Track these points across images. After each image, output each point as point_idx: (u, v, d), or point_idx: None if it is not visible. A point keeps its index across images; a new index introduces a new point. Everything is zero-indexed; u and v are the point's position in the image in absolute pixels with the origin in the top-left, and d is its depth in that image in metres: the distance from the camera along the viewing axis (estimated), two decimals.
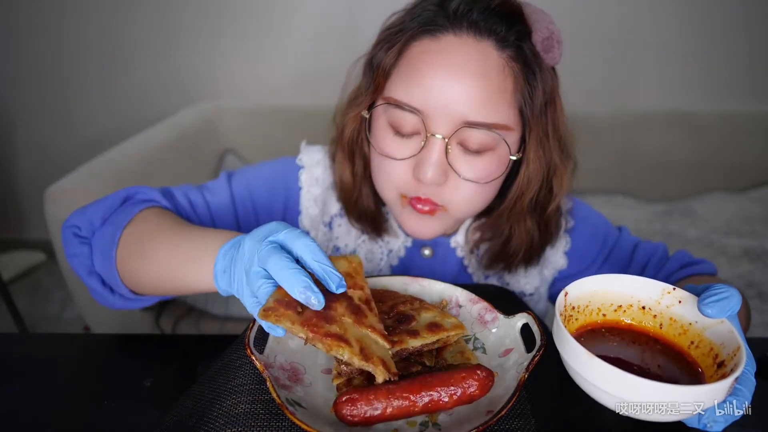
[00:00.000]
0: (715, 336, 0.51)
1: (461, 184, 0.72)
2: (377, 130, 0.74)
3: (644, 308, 0.55)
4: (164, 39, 2.43)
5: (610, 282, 0.55)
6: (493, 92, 0.69)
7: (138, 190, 0.77)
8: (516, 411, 0.52)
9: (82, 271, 0.71)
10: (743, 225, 2.06)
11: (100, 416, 0.64)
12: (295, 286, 0.48)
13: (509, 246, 0.82)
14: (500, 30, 0.70)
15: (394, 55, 0.72)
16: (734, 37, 2.23)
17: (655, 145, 2.28)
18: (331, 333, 0.49)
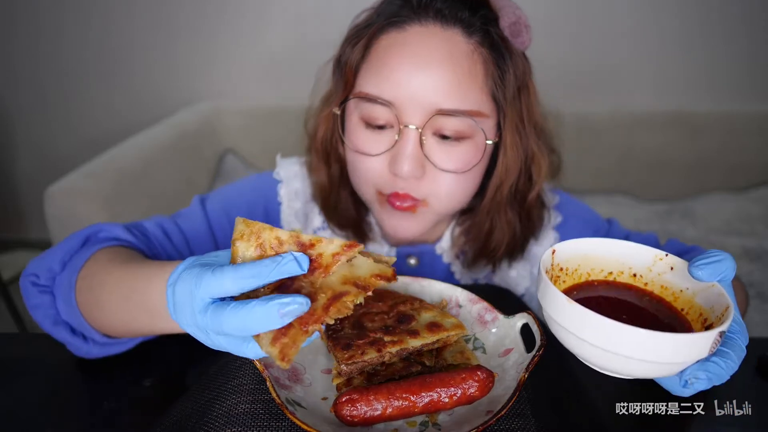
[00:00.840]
0: (705, 301, 0.49)
1: (440, 176, 0.72)
2: (350, 127, 0.74)
3: (635, 275, 0.53)
4: (164, 39, 2.43)
5: (601, 246, 0.53)
6: (463, 78, 0.68)
7: (101, 228, 0.72)
8: (516, 411, 0.52)
9: (47, 323, 0.66)
10: (743, 225, 2.06)
11: (100, 416, 0.64)
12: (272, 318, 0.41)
13: (491, 240, 0.81)
14: (465, 16, 0.70)
15: (360, 50, 0.72)
16: (733, 37, 2.23)
17: (655, 145, 2.28)
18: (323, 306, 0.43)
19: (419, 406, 0.50)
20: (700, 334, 0.41)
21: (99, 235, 0.71)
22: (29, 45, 2.49)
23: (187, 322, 0.45)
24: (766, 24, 2.20)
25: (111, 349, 0.68)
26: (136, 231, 0.76)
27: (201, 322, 0.44)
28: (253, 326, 0.41)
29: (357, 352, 0.53)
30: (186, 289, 0.44)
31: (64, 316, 0.66)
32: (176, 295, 0.46)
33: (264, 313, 0.41)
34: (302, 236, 0.46)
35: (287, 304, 0.41)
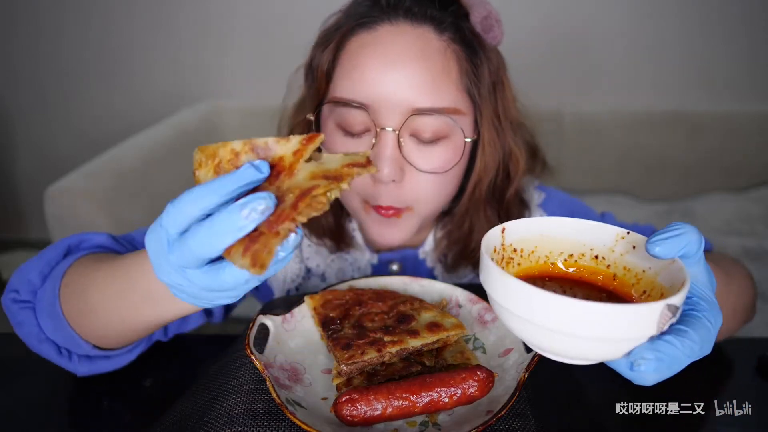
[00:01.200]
0: (666, 279, 0.43)
1: (421, 178, 0.70)
2: (326, 134, 0.72)
3: (597, 257, 0.48)
4: (164, 39, 2.43)
5: (559, 224, 0.48)
6: (438, 75, 0.67)
7: (82, 239, 0.68)
8: (516, 411, 0.52)
9: (32, 341, 0.63)
10: (743, 225, 2.06)
11: (100, 416, 0.64)
12: (235, 222, 0.38)
13: (471, 240, 0.80)
14: (436, 14, 0.69)
15: (331, 54, 0.70)
16: (734, 37, 2.23)
17: (655, 145, 2.29)
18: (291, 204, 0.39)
19: (419, 406, 0.50)
20: (642, 305, 0.36)
21: (81, 245, 0.68)
22: (29, 45, 2.49)
23: (165, 271, 0.44)
24: (766, 24, 2.20)
25: (99, 366, 0.65)
26: (123, 241, 0.74)
27: (172, 258, 0.42)
28: (219, 238, 0.39)
29: (357, 352, 0.53)
30: (153, 235, 0.43)
31: (47, 332, 0.62)
32: (149, 249, 0.44)
33: (226, 219, 0.38)
34: (256, 140, 0.42)
35: (248, 202, 0.38)
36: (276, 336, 0.58)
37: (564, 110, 2.28)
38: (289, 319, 0.61)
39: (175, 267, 0.43)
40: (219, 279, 0.42)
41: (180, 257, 0.41)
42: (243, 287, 0.44)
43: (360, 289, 0.64)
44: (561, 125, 2.28)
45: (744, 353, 0.74)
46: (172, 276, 0.44)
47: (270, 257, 0.38)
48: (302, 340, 0.60)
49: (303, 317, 0.62)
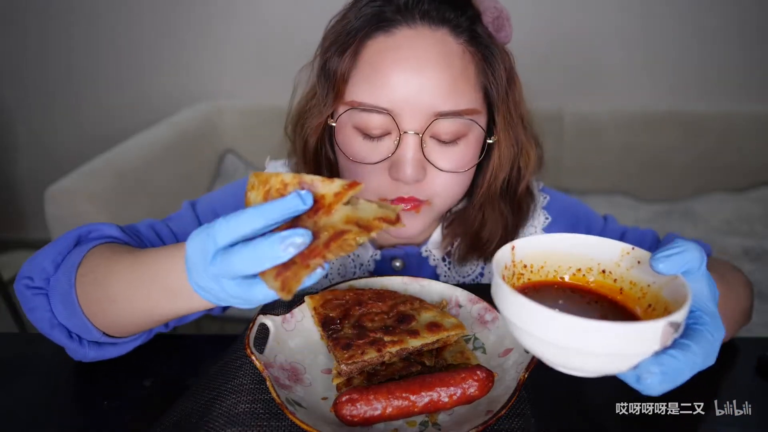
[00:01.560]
0: (670, 294, 0.46)
1: (440, 176, 0.71)
2: (344, 137, 0.72)
3: (604, 272, 0.50)
4: (165, 39, 2.44)
5: (566, 241, 0.50)
6: (458, 78, 0.68)
7: (92, 228, 0.71)
8: (516, 411, 0.52)
9: (45, 326, 0.65)
10: (743, 225, 2.06)
11: (100, 416, 0.64)
12: (275, 250, 0.43)
13: (483, 233, 0.81)
14: (452, 17, 0.70)
15: (350, 59, 0.70)
16: (734, 37, 2.23)
17: (654, 145, 2.29)
18: (324, 242, 0.44)
19: (419, 406, 0.50)
20: (646, 323, 0.39)
21: (91, 235, 0.70)
22: (31, 46, 2.49)
23: (201, 276, 0.48)
24: (765, 24, 2.20)
25: (108, 352, 0.67)
26: (130, 231, 0.76)
27: (212, 268, 0.46)
28: (258, 260, 0.43)
29: (357, 352, 0.53)
30: (198, 243, 0.47)
31: (60, 318, 0.64)
32: (189, 254, 0.48)
33: (268, 246, 0.43)
34: (305, 176, 0.47)
35: (288, 236, 0.43)
36: (276, 336, 0.58)
37: (564, 110, 2.28)
38: (289, 319, 0.61)
39: (212, 275, 0.47)
40: (250, 293, 0.46)
41: (221, 268, 0.45)
42: (266, 301, 0.48)
43: (360, 289, 0.64)
44: (561, 125, 2.28)
45: (744, 353, 0.74)
46: (207, 281, 0.48)
47: (297, 285, 0.43)
48: (302, 340, 0.60)
49: (303, 317, 0.62)
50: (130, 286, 0.61)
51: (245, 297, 0.47)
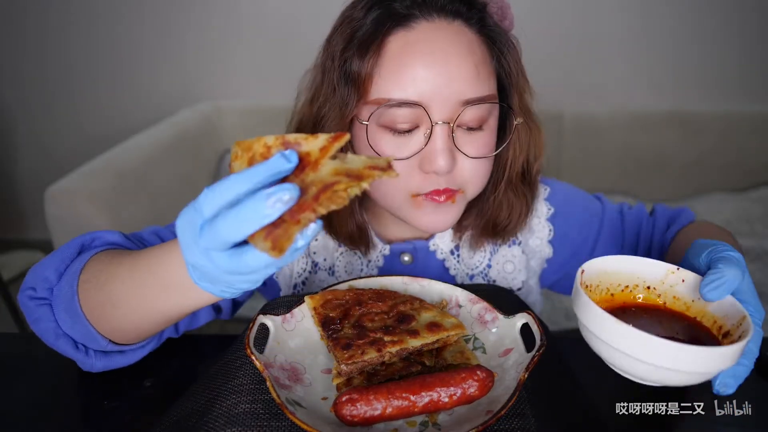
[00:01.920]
0: (718, 310, 0.53)
1: (470, 163, 0.73)
2: (372, 136, 0.72)
3: (649, 288, 0.58)
4: (165, 39, 2.44)
5: (619, 263, 0.57)
6: (480, 66, 0.71)
7: (95, 236, 0.70)
8: (516, 411, 0.52)
9: (50, 337, 0.64)
10: (743, 225, 2.06)
11: (100, 416, 0.64)
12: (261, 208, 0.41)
13: (500, 216, 0.83)
14: (464, 9, 0.72)
15: (373, 58, 0.70)
16: (734, 37, 2.24)
17: (654, 145, 2.29)
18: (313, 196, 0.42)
19: (419, 406, 0.50)
20: (732, 347, 0.46)
21: (94, 242, 0.70)
22: (32, 46, 2.49)
23: (192, 253, 0.46)
24: (764, 24, 2.20)
25: (116, 361, 0.67)
26: (133, 238, 0.75)
27: (202, 241, 0.44)
28: (246, 223, 0.41)
29: (357, 352, 0.53)
30: (186, 219, 0.46)
31: (65, 328, 0.64)
32: (179, 232, 0.47)
33: (253, 206, 0.41)
34: (288, 136, 0.45)
35: (274, 192, 0.41)
36: (276, 336, 0.58)
37: (564, 110, 2.28)
38: (289, 319, 0.61)
39: (203, 249, 0.45)
40: (242, 261, 0.44)
41: (209, 239, 0.44)
42: (263, 271, 0.46)
43: (360, 289, 0.64)
44: (561, 125, 2.28)
45: None
46: (199, 257, 0.46)
47: (289, 242, 0.41)
48: (302, 340, 0.60)
49: (303, 317, 0.62)
50: (130, 287, 0.60)
51: (237, 267, 0.45)
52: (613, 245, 0.90)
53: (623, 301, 0.59)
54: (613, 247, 0.90)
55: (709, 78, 2.31)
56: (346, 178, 0.42)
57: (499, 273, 0.89)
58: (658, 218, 0.90)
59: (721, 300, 0.53)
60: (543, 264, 0.91)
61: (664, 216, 0.90)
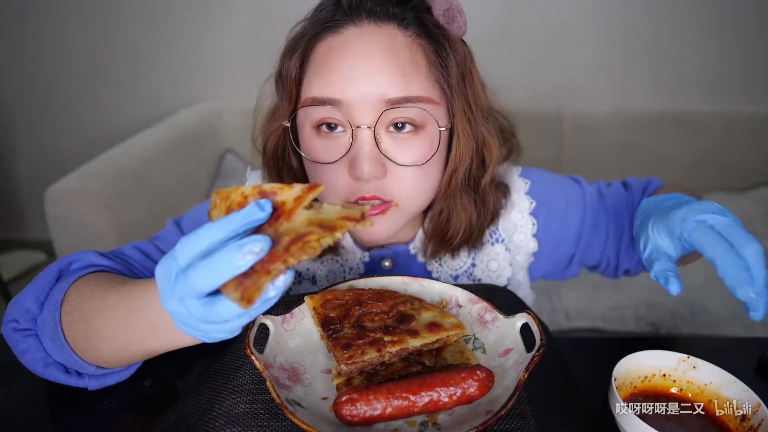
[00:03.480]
0: (732, 393, 0.59)
1: (401, 173, 0.71)
2: (304, 139, 0.73)
3: (665, 375, 0.63)
4: (165, 39, 2.44)
5: (639, 359, 0.62)
6: (406, 67, 0.69)
7: (72, 260, 0.69)
8: (516, 411, 0.52)
9: (38, 367, 0.64)
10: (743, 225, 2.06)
11: (100, 416, 0.64)
12: (232, 259, 0.41)
13: (448, 229, 0.81)
14: (397, 11, 0.71)
15: (299, 60, 0.72)
16: (733, 37, 2.23)
17: (654, 145, 2.29)
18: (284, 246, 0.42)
19: (419, 406, 0.50)
20: None
21: (72, 266, 0.69)
22: (32, 46, 2.49)
23: (168, 300, 0.46)
24: (764, 24, 2.20)
25: (109, 380, 0.66)
26: (112, 255, 0.74)
27: (177, 290, 0.44)
28: (218, 273, 0.42)
29: (357, 352, 0.53)
30: (163, 266, 0.46)
31: (54, 356, 0.63)
32: (157, 278, 0.47)
33: (224, 256, 0.41)
34: (264, 186, 0.46)
35: (245, 243, 0.41)
36: (276, 336, 0.58)
37: (564, 110, 2.28)
38: (289, 319, 0.61)
39: (178, 297, 0.45)
40: (213, 311, 0.44)
41: (183, 288, 0.44)
42: (236, 321, 0.46)
43: (360, 289, 0.64)
44: (561, 125, 2.28)
45: (744, 353, 0.74)
46: (175, 305, 0.46)
47: (258, 293, 0.41)
48: (302, 340, 0.60)
49: (303, 317, 0.62)
50: (115, 324, 0.60)
51: (210, 316, 0.45)
52: (597, 227, 0.90)
53: (644, 389, 0.63)
54: (597, 229, 0.90)
55: (710, 78, 2.31)
56: (318, 228, 0.43)
57: (483, 272, 0.88)
58: (633, 191, 0.92)
59: (733, 384, 0.59)
60: (530, 258, 0.91)
61: (638, 188, 0.92)
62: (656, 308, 1.78)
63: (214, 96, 2.48)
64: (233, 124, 2.39)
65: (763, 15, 2.19)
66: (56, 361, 0.64)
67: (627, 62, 2.31)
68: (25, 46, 2.49)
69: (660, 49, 2.28)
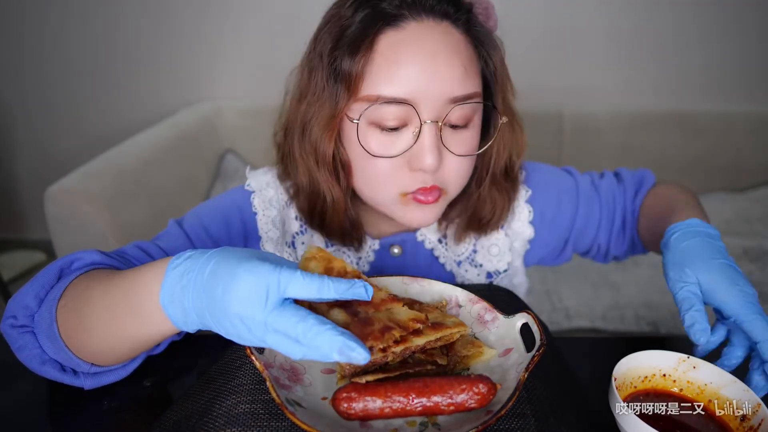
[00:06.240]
0: (732, 393, 0.58)
1: (454, 163, 0.75)
2: (363, 134, 0.73)
3: (665, 375, 0.63)
4: (165, 39, 2.43)
5: (638, 359, 0.62)
6: (467, 65, 0.72)
7: (74, 258, 0.68)
8: (516, 411, 0.52)
9: (34, 364, 0.63)
10: (743, 225, 2.06)
11: (100, 416, 0.64)
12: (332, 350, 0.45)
13: (483, 212, 0.86)
14: (451, 10, 0.74)
15: (364, 56, 0.70)
16: (733, 37, 2.23)
17: (654, 145, 2.29)
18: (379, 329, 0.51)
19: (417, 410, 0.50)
20: None
21: (73, 265, 0.68)
22: (32, 46, 2.49)
23: (243, 307, 0.47)
24: (763, 25, 2.20)
25: (104, 379, 0.65)
26: (114, 255, 0.73)
27: (271, 317, 0.46)
28: (315, 342, 0.45)
29: None
30: (258, 275, 0.47)
31: (50, 353, 0.63)
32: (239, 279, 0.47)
33: (329, 340, 0.45)
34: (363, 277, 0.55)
35: (352, 348, 0.45)
36: None
37: (564, 110, 2.28)
38: None
39: (261, 321, 0.47)
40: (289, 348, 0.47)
41: (278, 320, 0.46)
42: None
43: None
44: (561, 125, 2.28)
45: None
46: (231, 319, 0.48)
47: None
48: None
49: None
50: (103, 313, 0.59)
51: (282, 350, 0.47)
52: (590, 216, 0.94)
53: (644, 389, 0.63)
54: (590, 218, 0.94)
55: (709, 78, 2.31)
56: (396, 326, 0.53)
57: (484, 257, 0.92)
58: (626, 184, 0.95)
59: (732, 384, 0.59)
60: (526, 245, 0.94)
61: (631, 182, 0.95)
62: (656, 308, 1.78)
63: (214, 96, 2.48)
64: (233, 124, 2.39)
65: (763, 15, 2.18)
66: (52, 359, 0.63)
67: (627, 62, 2.31)
68: (25, 46, 2.49)
69: (660, 50, 2.28)
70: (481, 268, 0.91)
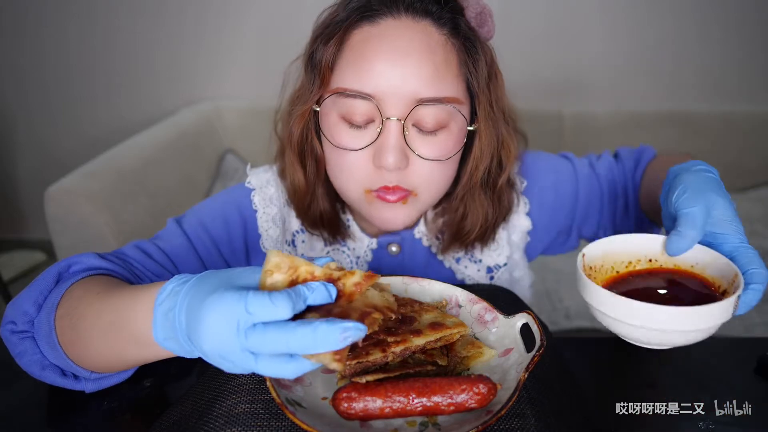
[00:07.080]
0: (716, 272, 0.57)
1: (423, 165, 0.73)
2: (329, 125, 0.74)
3: (651, 260, 0.61)
4: (165, 39, 2.43)
5: (619, 242, 0.61)
6: (440, 66, 0.71)
7: (72, 262, 0.68)
8: (516, 411, 0.52)
9: (35, 369, 0.63)
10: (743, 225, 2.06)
11: (100, 416, 0.64)
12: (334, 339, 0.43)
13: (465, 225, 0.83)
14: (435, 9, 0.73)
15: (335, 46, 0.72)
16: (733, 37, 2.23)
17: (654, 145, 2.26)
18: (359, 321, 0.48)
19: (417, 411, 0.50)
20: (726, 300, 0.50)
21: (71, 269, 0.67)
22: (32, 46, 2.49)
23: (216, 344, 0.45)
24: (763, 25, 2.20)
25: (106, 382, 0.65)
26: (112, 257, 0.73)
27: (252, 342, 0.44)
28: (317, 345, 0.43)
29: (361, 353, 0.53)
30: (221, 310, 0.44)
31: (51, 359, 0.63)
32: (204, 318, 0.45)
33: (328, 333, 0.43)
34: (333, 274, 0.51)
35: (349, 329, 0.44)
36: None
37: (564, 110, 2.28)
38: None
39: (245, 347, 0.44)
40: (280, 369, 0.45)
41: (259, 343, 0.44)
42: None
43: None
44: (561, 125, 2.28)
45: (744, 353, 0.74)
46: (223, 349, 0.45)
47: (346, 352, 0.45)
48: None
49: None
50: (100, 333, 0.59)
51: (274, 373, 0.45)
52: (591, 198, 0.92)
53: (629, 273, 0.62)
54: (592, 202, 0.92)
55: (709, 78, 2.31)
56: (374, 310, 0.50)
57: (483, 251, 0.90)
58: (624, 161, 0.94)
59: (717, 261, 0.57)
60: (526, 237, 0.92)
61: (630, 157, 0.94)
62: None
63: (214, 96, 2.48)
64: (233, 124, 2.39)
65: (763, 15, 2.18)
66: (53, 364, 0.63)
67: (627, 62, 2.31)
68: (25, 46, 2.49)
69: (660, 50, 2.28)
70: (480, 263, 0.91)
